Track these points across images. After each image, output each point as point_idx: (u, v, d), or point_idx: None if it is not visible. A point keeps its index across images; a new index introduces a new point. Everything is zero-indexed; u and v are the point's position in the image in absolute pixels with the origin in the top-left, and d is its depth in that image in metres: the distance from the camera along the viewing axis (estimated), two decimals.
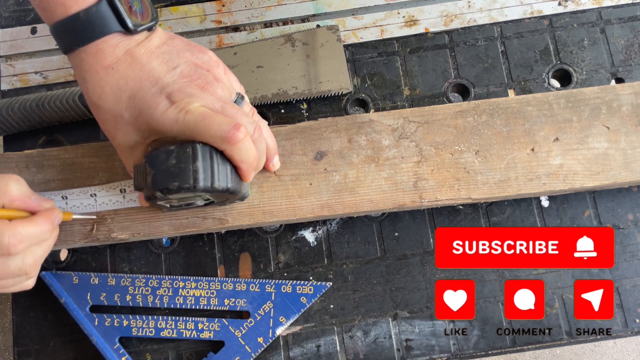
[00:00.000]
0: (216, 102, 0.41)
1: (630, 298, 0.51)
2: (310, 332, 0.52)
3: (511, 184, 0.49)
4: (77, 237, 0.49)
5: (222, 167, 0.41)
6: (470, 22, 0.58)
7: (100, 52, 0.40)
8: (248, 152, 0.41)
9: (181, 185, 0.39)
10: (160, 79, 0.40)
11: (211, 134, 0.39)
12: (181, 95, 0.40)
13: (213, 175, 0.40)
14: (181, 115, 0.39)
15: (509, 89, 0.56)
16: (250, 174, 0.43)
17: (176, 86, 0.40)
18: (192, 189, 0.39)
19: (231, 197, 0.44)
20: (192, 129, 0.39)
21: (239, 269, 0.53)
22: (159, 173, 0.39)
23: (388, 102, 0.57)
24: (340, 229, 0.54)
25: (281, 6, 0.60)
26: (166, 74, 0.41)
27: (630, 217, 0.53)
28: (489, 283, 0.52)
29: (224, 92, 0.43)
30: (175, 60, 0.42)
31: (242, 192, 0.44)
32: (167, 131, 0.40)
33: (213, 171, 0.40)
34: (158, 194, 0.40)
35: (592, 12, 0.58)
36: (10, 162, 0.51)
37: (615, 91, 0.51)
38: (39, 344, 0.52)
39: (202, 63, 0.43)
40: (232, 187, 0.42)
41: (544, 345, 0.51)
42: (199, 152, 0.39)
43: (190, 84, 0.41)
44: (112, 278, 0.52)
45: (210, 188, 0.40)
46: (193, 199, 0.43)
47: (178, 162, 0.39)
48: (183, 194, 0.40)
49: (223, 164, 0.41)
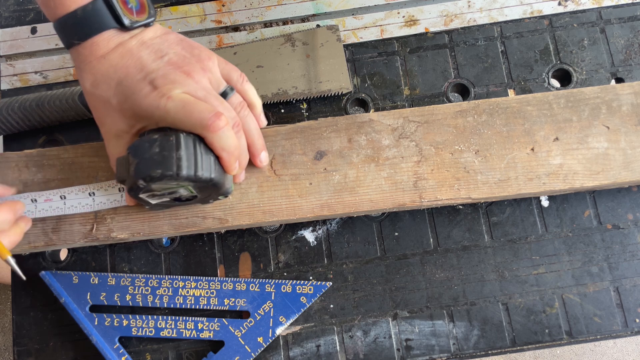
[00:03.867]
0: (200, 90, 0.41)
1: (630, 298, 0.51)
2: (310, 332, 0.51)
3: (511, 184, 0.49)
4: (76, 237, 0.49)
5: (205, 157, 0.41)
6: (470, 22, 0.58)
7: (95, 45, 0.41)
8: (229, 141, 0.41)
9: (164, 172, 0.39)
10: (146, 66, 0.41)
11: (192, 121, 0.39)
12: (164, 81, 0.40)
13: (197, 163, 0.40)
14: (162, 101, 0.39)
15: (509, 88, 0.56)
16: (232, 164, 0.43)
17: (160, 72, 0.41)
18: (176, 177, 0.39)
19: (214, 190, 0.44)
20: (173, 116, 0.40)
21: (239, 269, 0.53)
22: (142, 162, 0.39)
23: (388, 102, 0.57)
24: (340, 228, 0.54)
25: (281, 6, 0.60)
26: (153, 62, 0.41)
27: (630, 217, 0.53)
28: (489, 283, 0.52)
29: (210, 83, 0.43)
30: (165, 50, 0.42)
31: (225, 186, 0.44)
32: (149, 117, 0.41)
33: (197, 160, 0.40)
34: (141, 182, 0.39)
35: (592, 12, 0.58)
36: (10, 162, 0.51)
37: (615, 91, 0.51)
38: (39, 344, 0.52)
39: (192, 54, 0.43)
40: (216, 178, 0.42)
41: (544, 345, 0.51)
42: (182, 140, 0.39)
43: (175, 70, 0.41)
44: (112, 278, 0.52)
45: (193, 177, 0.40)
46: (176, 190, 0.42)
47: (161, 150, 0.39)
48: (166, 182, 0.40)
49: (207, 154, 0.41)
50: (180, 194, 0.43)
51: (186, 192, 0.43)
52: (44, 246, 0.49)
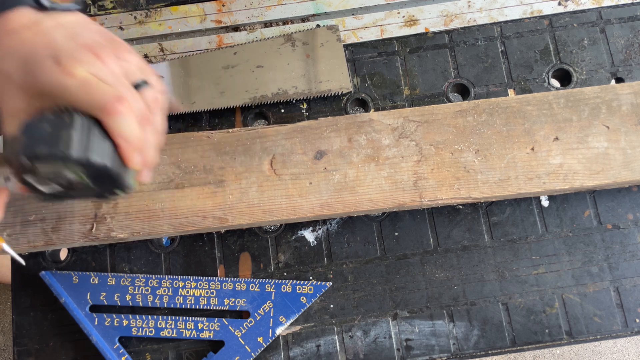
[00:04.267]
0: (108, 75, 0.38)
1: (630, 298, 0.51)
2: (310, 331, 0.51)
3: (511, 183, 0.49)
4: (76, 237, 0.49)
5: (101, 142, 0.38)
6: (470, 22, 0.58)
7: (7, 19, 0.39)
8: (128, 128, 0.38)
9: (51, 150, 0.36)
10: (56, 44, 0.39)
11: (91, 101, 0.37)
12: (69, 59, 0.38)
13: (90, 146, 0.37)
14: (63, 77, 0.37)
15: (509, 88, 0.56)
16: (130, 155, 0.40)
17: (69, 51, 0.38)
18: (64, 157, 0.36)
19: (110, 182, 0.40)
20: (73, 94, 0.37)
21: (239, 269, 0.53)
22: (29, 139, 0.36)
23: (388, 101, 0.57)
24: (340, 228, 0.54)
25: (281, 6, 0.60)
26: (64, 42, 0.39)
27: (630, 217, 0.53)
28: (489, 283, 0.52)
29: (122, 70, 0.40)
30: (81, 34, 0.40)
31: (123, 179, 0.40)
32: (48, 94, 0.38)
33: (90, 142, 0.37)
34: (24, 160, 0.36)
35: (592, 12, 0.58)
36: None
37: (615, 91, 0.51)
38: (39, 344, 0.52)
39: (111, 43, 0.41)
40: (112, 166, 0.38)
41: (544, 345, 0.51)
42: (77, 120, 0.37)
43: (85, 51, 0.39)
44: (112, 278, 0.52)
45: (84, 160, 0.36)
46: (67, 176, 0.38)
47: (53, 129, 0.36)
48: (54, 165, 0.37)
49: (103, 139, 0.38)
50: (71, 181, 0.39)
51: (77, 179, 0.39)
52: (43, 246, 0.49)
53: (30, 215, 0.49)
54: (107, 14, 0.60)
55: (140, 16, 0.60)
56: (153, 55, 0.59)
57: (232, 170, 0.50)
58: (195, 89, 0.56)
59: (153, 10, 0.60)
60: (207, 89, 0.56)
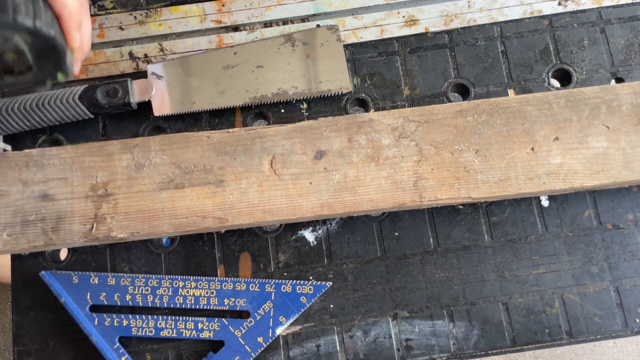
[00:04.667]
0: None
1: (630, 298, 0.51)
2: (310, 331, 0.51)
3: (511, 183, 0.49)
4: (76, 237, 0.49)
5: (46, 11, 0.37)
6: (470, 22, 0.58)
7: None
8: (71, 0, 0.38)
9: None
10: None
11: None
12: None
13: (36, 13, 0.36)
14: None
15: (509, 88, 0.56)
16: (72, 29, 0.39)
17: None
18: (12, 22, 0.35)
19: (54, 59, 0.39)
20: None
21: (239, 269, 0.53)
22: None
23: (388, 101, 0.57)
24: (340, 228, 0.54)
25: (281, 6, 0.60)
26: None
27: (630, 217, 0.53)
28: (489, 283, 0.52)
29: None
30: None
31: (65, 54, 0.39)
32: None
33: (36, 10, 0.36)
34: None
35: (592, 12, 0.58)
36: (10, 162, 0.51)
37: (615, 91, 0.51)
38: (39, 344, 0.52)
39: None
40: (57, 37, 0.38)
41: (544, 345, 0.51)
42: None
43: None
44: (112, 278, 0.52)
45: (32, 27, 0.36)
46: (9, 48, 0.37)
47: None
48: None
49: (47, 9, 0.37)
50: (14, 55, 0.38)
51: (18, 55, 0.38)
52: (43, 246, 0.49)
53: (30, 215, 0.49)
54: (107, 14, 0.60)
55: (140, 16, 0.60)
56: (153, 55, 0.59)
57: (232, 170, 0.50)
58: (195, 89, 0.56)
59: (153, 10, 0.60)
60: (207, 89, 0.56)
